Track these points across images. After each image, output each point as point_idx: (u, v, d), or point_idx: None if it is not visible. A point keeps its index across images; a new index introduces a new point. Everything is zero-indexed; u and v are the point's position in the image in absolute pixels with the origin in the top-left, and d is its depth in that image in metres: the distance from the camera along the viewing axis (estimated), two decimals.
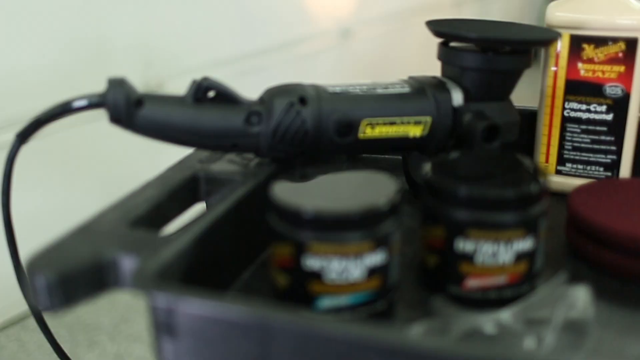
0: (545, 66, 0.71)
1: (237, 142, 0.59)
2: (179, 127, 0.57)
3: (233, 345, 0.40)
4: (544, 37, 0.64)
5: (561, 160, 0.72)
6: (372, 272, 0.48)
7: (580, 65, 0.68)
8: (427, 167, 0.53)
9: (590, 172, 0.71)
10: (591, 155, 0.71)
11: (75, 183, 0.64)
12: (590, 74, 0.68)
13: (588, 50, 0.68)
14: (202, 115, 0.58)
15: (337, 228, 0.46)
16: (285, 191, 0.49)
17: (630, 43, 0.66)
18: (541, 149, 0.73)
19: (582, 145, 0.71)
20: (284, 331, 0.38)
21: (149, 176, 0.59)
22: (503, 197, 0.49)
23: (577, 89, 0.69)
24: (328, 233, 0.46)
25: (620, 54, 0.67)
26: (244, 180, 0.58)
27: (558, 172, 0.72)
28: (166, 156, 0.62)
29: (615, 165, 0.70)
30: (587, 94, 0.69)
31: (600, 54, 0.67)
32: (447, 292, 0.52)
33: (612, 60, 0.67)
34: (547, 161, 0.73)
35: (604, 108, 0.69)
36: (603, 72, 0.68)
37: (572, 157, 0.72)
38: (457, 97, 0.64)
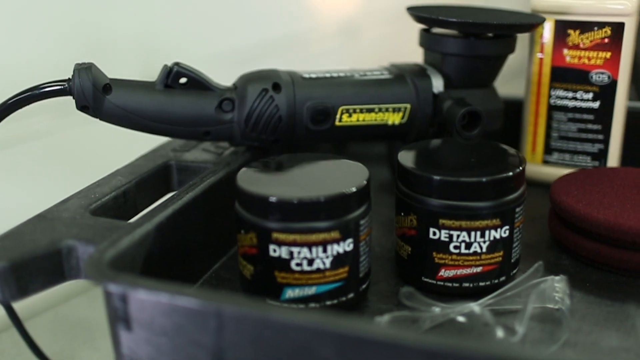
0: (531, 53, 0.69)
1: (210, 129, 0.58)
2: (149, 114, 0.56)
3: (187, 335, 0.38)
4: (527, 22, 0.62)
5: (548, 150, 0.70)
6: (340, 261, 0.46)
7: (565, 51, 0.67)
8: (400, 155, 0.52)
9: (578, 161, 0.69)
10: (578, 144, 0.69)
11: (73, 183, 0.62)
12: (576, 61, 0.66)
13: (573, 36, 0.66)
14: (172, 102, 0.56)
15: (302, 216, 0.45)
16: (251, 179, 0.48)
17: (616, 28, 0.64)
18: (528, 139, 0.71)
19: (569, 134, 0.69)
20: (236, 320, 0.37)
21: None
22: (477, 185, 0.48)
23: (563, 76, 0.67)
24: (293, 221, 0.45)
25: (606, 40, 0.65)
26: (215, 169, 0.56)
27: (545, 162, 0.71)
28: None
29: (602, 155, 0.68)
30: (573, 81, 0.67)
31: (585, 39, 0.65)
32: (422, 283, 0.51)
33: (598, 46, 0.65)
34: (533, 151, 0.71)
35: (590, 95, 0.67)
36: (589, 58, 0.66)
37: (559, 146, 0.70)
38: (438, 84, 0.62)
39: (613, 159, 0.68)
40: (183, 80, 0.58)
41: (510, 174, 0.48)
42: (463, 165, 0.53)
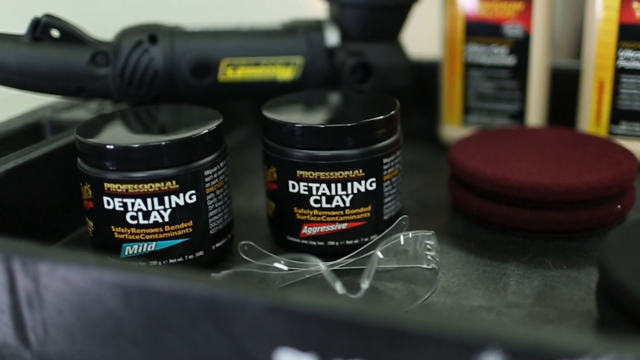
0: (444, 7, 0.65)
1: (83, 85, 0.54)
2: (13, 67, 0.52)
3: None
4: None
5: (466, 110, 0.66)
6: (182, 215, 0.43)
7: (479, 3, 0.62)
8: (266, 105, 0.48)
9: (497, 122, 0.65)
10: (496, 103, 0.65)
11: None
12: (489, 13, 0.62)
13: None
14: (39, 55, 0.53)
15: (134, 165, 0.41)
16: (90, 130, 0.44)
17: None
18: (444, 99, 0.67)
19: (486, 93, 0.65)
20: (24, 271, 0.33)
21: None
22: (332, 132, 0.44)
23: (477, 30, 0.63)
24: (125, 170, 0.41)
25: None
26: None
27: (464, 123, 0.67)
28: None
29: (521, 114, 0.64)
30: (486, 35, 0.63)
31: None
32: (288, 242, 0.47)
33: None
34: (451, 112, 0.67)
35: (504, 50, 0.63)
36: (501, 10, 0.62)
37: (477, 106, 0.66)
38: (332, 37, 0.59)
39: (534, 119, 0.64)
40: (56, 33, 0.54)
41: (373, 119, 0.44)
42: (327, 113, 0.49)
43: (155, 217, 0.42)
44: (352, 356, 0.28)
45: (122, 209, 0.42)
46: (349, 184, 0.44)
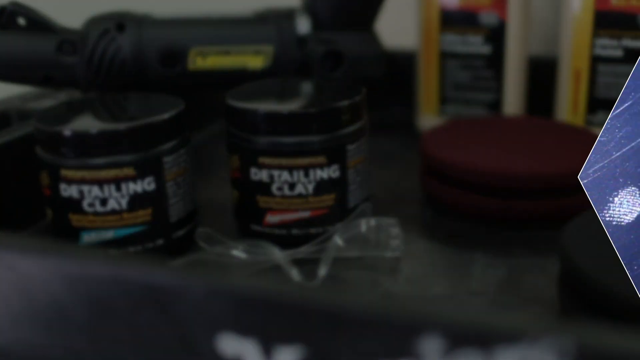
0: None
1: (50, 74, 0.54)
2: None
3: None
4: None
5: (443, 100, 0.66)
6: (140, 202, 0.42)
7: None
8: (230, 93, 0.47)
9: (473, 111, 0.65)
10: (472, 93, 0.64)
11: None
12: (464, 2, 0.62)
13: None
14: (5, 43, 0.52)
15: (90, 151, 0.40)
16: (49, 117, 0.44)
17: None
18: (422, 89, 0.66)
19: (463, 82, 0.64)
20: None
21: None
22: (297, 119, 0.43)
23: (453, 19, 0.63)
24: (81, 157, 0.41)
25: None
26: None
27: (441, 113, 0.66)
28: None
29: (497, 103, 0.64)
30: (462, 24, 0.62)
31: None
32: (252, 231, 0.46)
33: None
34: (428, 101, 0.66)
35: (480, 39, 0.62)
36: None
37: (453, 96, 0.65)
38: (303, 25, 0.58)
39: (511, 108, 0.64)
40: (22, 21, 0.54)
41: (335, 105, 0.44)
42: (290, 100, 0.48)
43: (112, 204, 0.41)
44: (293, 340, 0.27)
45: (78, 196, 0.41)
46: (312, 171, 0.44)
